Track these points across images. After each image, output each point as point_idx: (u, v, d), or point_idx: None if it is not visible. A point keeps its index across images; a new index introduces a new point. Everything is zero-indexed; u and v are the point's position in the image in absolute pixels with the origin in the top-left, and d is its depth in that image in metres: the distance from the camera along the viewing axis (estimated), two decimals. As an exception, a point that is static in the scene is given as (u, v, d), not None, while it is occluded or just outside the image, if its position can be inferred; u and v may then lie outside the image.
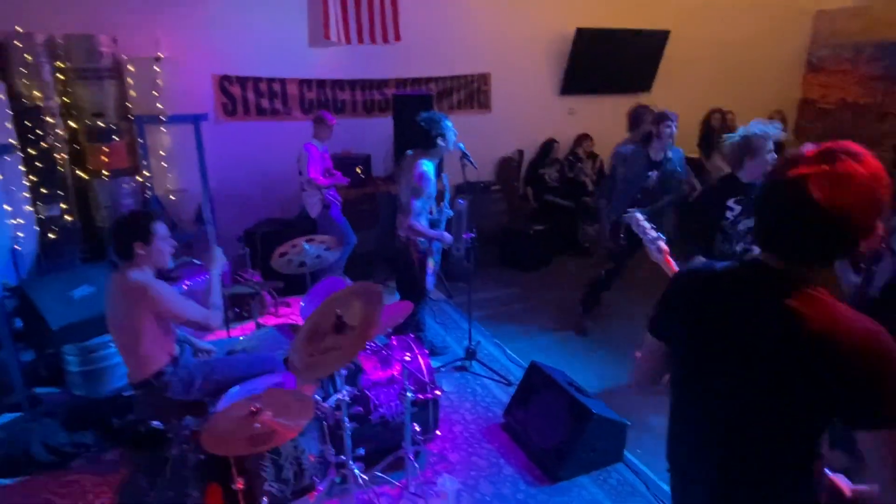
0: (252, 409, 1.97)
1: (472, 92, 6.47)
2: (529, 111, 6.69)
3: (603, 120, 7.02)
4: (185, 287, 4.18)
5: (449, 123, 3.51)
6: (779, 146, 2.91)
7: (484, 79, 6.48)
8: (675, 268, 1.94)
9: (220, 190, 5.55)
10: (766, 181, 1.27)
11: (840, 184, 1.11)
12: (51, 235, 4.28)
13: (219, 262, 2.80)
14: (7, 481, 2.83)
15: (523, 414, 3.18)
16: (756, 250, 1.32)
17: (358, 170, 5.62)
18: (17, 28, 4.42)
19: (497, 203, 6.41)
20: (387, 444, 2.83)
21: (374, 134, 5.93)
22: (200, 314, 2.56)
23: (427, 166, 3.42)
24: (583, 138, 6.74)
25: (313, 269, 3.16)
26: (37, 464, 2.89)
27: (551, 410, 3.01)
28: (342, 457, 2.57)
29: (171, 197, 4.92)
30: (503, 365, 4.01)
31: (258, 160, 5.69)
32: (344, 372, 2.35)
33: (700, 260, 1.50)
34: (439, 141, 3.45)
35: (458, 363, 3.97)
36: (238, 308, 4.75)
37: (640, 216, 2.42)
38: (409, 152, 3.63)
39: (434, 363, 3.98)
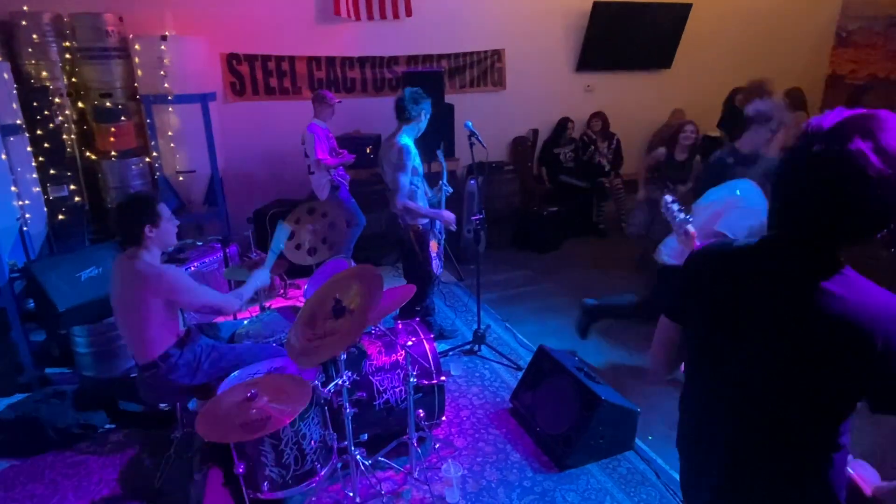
0: (248, 394, 1.93)
1: (485, 69, 6.31)
2: (544, 89, 6.52)
3: (620, 97, 6.83)
4: (193, 269, 4.17)
5: (427, 103, 3.47)
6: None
7: (498, 55, 6.31)
8: None
9: (230, 170, 5.52)
10: (790, 155, 1.16)
11: (887, 156, 1.01)
12: (59, 217, 4.28)
13: (266, 270, 2.79)
14: (15, 461, 2.85)
15: (531, 399, 3.12)
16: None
17: (368, 150, 5.53)
18: (24, 7, 4.39)
19: (510, 183, 6.28)
20: (391, 429, 2.79)
21: (384, 113, 5.75)
22: (216, 299, 2.53)
23: (405, 140, 3.35)
24: (593, 116, 6.55)
25: (322, 259, 3.08)
26: (45, 444, 2.90)
27: (559, 396, 2.93)
28: (344, 442, 2.55)
29: (179, 178, 4.88)
30: (513, 349, 3.94)
31: (267, 140, 5.64)
32: (344, 356, 2.29)
33: (718, 240, 1.41)
34: (412, 112, 3.36)
35: (467, 347, 3.91)
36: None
37: (668, 198, 2.32)
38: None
39: (442, 346, 3.94)
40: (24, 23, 4.34)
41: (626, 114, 6.76)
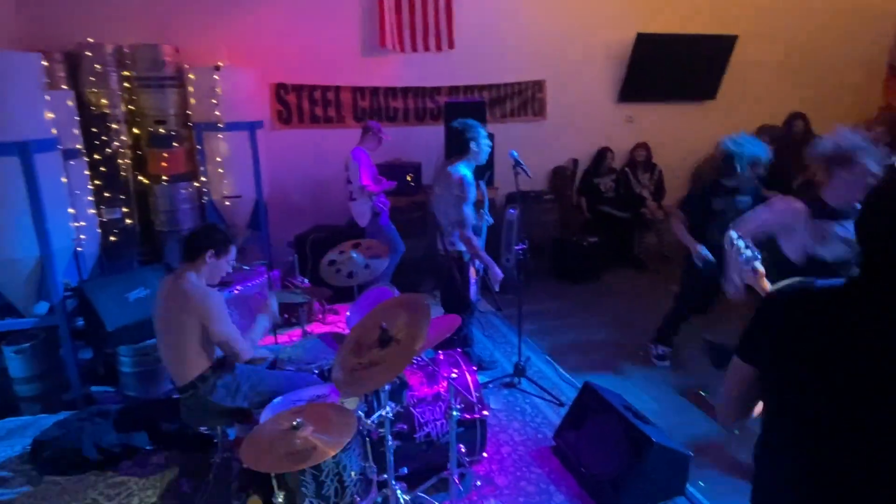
0: (294, 423, 1.90)
1: (526, 99, 6.33)
2: (585, 119, 6.49)
3: (663, 128, 6.75)
4: (237, 292, 4.22)
5: (483, 131, 3.41)
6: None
7: (539, 86, 6.33)
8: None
9: (274, 196, 5.63)
10: (880, 193, 1.10)
11: None
12: (111, 238, 4.41)
13: (272, 311, 2.82)
14: (59, 479, 2.87)
15: (575, 438, 3.00)
16: None
17: (408, 177, 5.57)
18: (89, 39, 4.62)
19: (549, 213, 6.22)
20: (431, 463, 2.72)
21: (425, 142, 5.87)
22: (237, 340, 2.56)
23: (465, 170, 3.32)
24: (637, 147, 6.47)
25: (363, 280, 3.09)
26: (87, 463, 2.93)
27: (606, 436, 2.81)
28: (384, 475, 2.49)
29: (226, 202, 5.00)
30: (554, 383, 3.83)
31: (311, 167, 5.75)
32: (388, 387, 2.25)
33: (796, 280, 1.33)
34: (472, 145, 3.35)
35: (507, 379, 3.82)
36: (286, 314, 4.76)
37: (734, 233, 2.23)
38: (444, 161, 3.55)
39: (481, 378, 3.84)
40: (88, 53, 4.56)
41: (668, 145, 6.67)
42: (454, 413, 2.42)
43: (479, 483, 2.78)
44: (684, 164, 6.88)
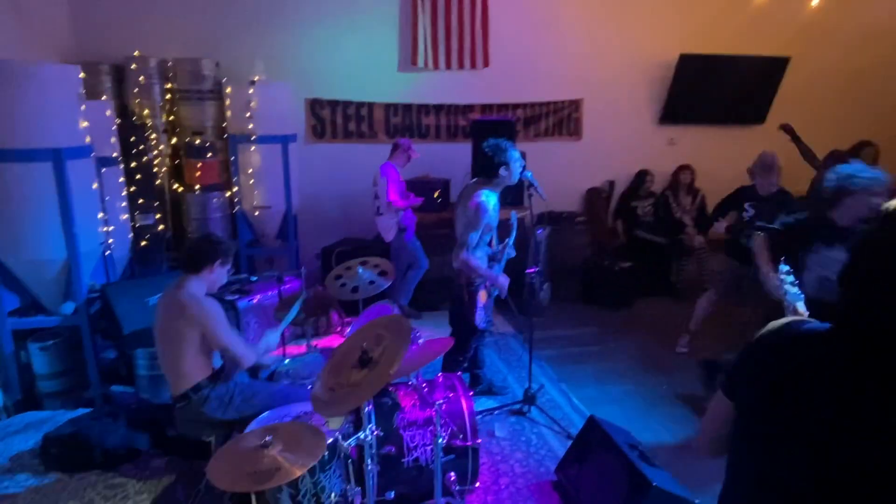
0: (263, 440, 1.87)
1: (562, 118, 6.22)
2: (624, 140, 6.31)
3: (706, 152, 6.47)
4: (255, 301, 4.28)
5: (516, 154, 3.29)
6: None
7: (575, 105, 6.21)
8: None
9: (305, 208, 5.73)
10: (867, 239, 0.99)
11: None
12: (143, 243, 4.57)
13: (277, 334, 2.85)
14: (63, 476, 2.95)
15: (577, 474, 2.85)
16: None
17: (436, 194, 5.55)
18: (136, 52, 4.86)
19: (581, 235, 6.05)
20: (420, 489, 2.63)
21: (454, 159, 5.84)
22: (239, 347, 2.58)
23: (487, 196, 3.21)
24: (682, 168, 6.22)
25: (366, 295, 3.07)
26: (91, 462, 2.99)
27: (607, 475, 2.65)
28: (369, 499, 2.43)
29: (255, 213, 5.11)
30: (565, 414, 3.67)
31: (343, 181, 5.82)
32: (368, 409, 2.19)
33: (791, 318, 1.23)
34: (502, 171, 3.24)
35: (516, 406, 3.69)
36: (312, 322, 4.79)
37: (784, 267, 2.06)
38: (472, 181, 3.47)
39: (489, 403, 3.75)
40: (134, 66, 4.79)
41: (712, 169, 6.37)
42: (439, 440, 2.34)
43: (468, 515, 2.67)
44: (727, 191, 6.56)
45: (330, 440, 2.19)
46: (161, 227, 4.77)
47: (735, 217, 4.46)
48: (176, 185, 5.02)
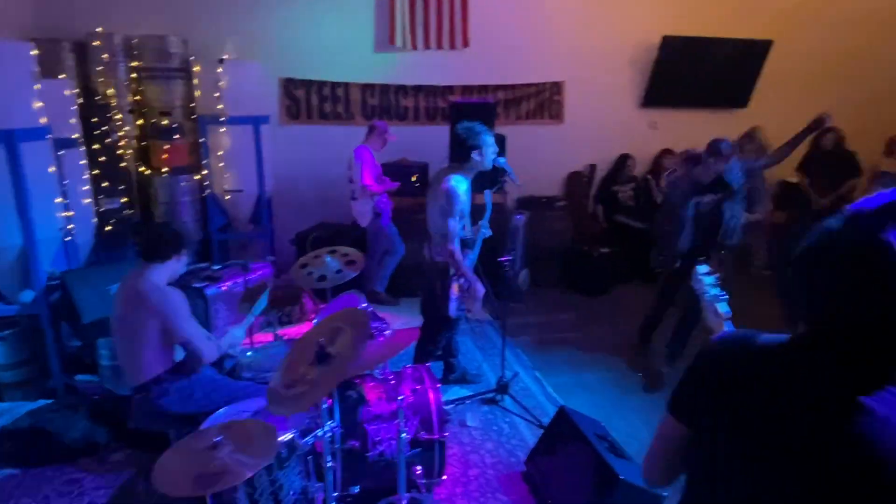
0: (213, 440, 1.79)
1: (543, 101, 6.11)
2: (605, 123, 6.21)
3: (688, 136, 6.36)
4: (224, 289, 4.17)
5: (490, 138, 3.19)
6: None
7: (557, 87, 6.10)
8: None
9: (279, 191, 5.59)
10: (820, 242, 0.91)
11: None
12: (108, 228, 4.42)
13: (242, 329, 2.78)
14: (17, 471, 2.86)
15: (546, 465, 2.82)
16: None
17: (413, 178, 5.44)
18: (98, 28, 4.65)
19: (561, 220, 5.98)
20: (385, 484, 2.57)
21: (433, 142, 5.70)
22: (200, 341, 2.50)
23: (457, 182, 3.12)
24: (666, 153, 6.16)
25: (333, 284, 2.98)
26: (48, 456, 2.91)
27: (575, 467, 2.62)
28: (333, 493, 2.37)
29: (226, 196, 4.97)
30: (538, 402, 3.64)
31: (318, 163, 5.68)
32: (326, 405, 2.12)
33: (736, 330, 1.16)
34: (474, 155, 3.15)
35: (489, 395, 3.65)
36: (280, 314, 4.70)
37: (702, 267, 2.00)
38: (444, 166, 3.37)
39: (462, 392, 3.71)
40: (96, 43, 4.59)
41: (694, 153, 6.33)
42: (402, 436, 2.28)
43: (433, 509, 2.63)
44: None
45: (288, 438, 2.13)
46: (127, 211, 4.62)
47: None
48: (143, 168, 4.85)
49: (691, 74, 6.04)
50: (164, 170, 4.76)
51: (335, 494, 2.46)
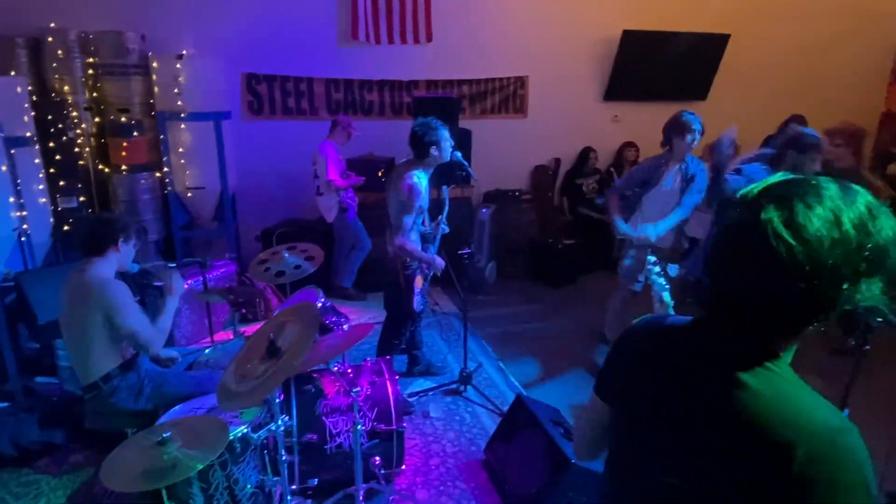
0: (160, 438, 1.81)
1: (507, 95, 6.16)
2: (569, 117, 6.30)
3: (650, 128, 6.49)
4: (186, 286, 4.14)
5: (446, 133, 3.23)
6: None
7: (521, 82, 6.16)
8: None
9: (243, 188, 5.55)
10: (715, 223, 0.98)
11: (797, 229, 0.83)
12: (66, 227, 4.35)
13: (177, 288, 2.70)
14: (-28, 475, 2.83)
15: (504, 452, 2.89)
16: None
17: (380, 174, 5.45)
18: (52, 24, 4.54)
19: (527, 213, 6.06)
20: (344, 475, 2.61)
21: (399, 137, 5.66)
22: (146, 332, 2.46)
23: (419, 177, 3.16)
24: (627, 146, 6.28)
25: (292, 279, 2.99)
26: (3, 459, 2.87)
27: (531, 453, 2.69)
28: (291, 487, 2.41)
29: (188, 194, 4.92)
30: (500, 392, 3.71)
31: (283, 159, 5.64)
32: (279, 398, 2.15)
33: (655, 314, 1.24)
34: (432, 150, 3.19)
35: (453, 386, 3.71)
36: (245, 309, 4.68)
37: (652, 258, 2.08)
38: (402, 160, 3.40)
39: (426, 384, 3.76)
40: (50, 39, 4.49)
41: (655, 146, 6.44)
42: (358, 427, 2.32)
43: (392, 498, 2.67)
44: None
45: (241, 433, 2.15)
46: (88, 210, 4.54)
47: None
48: (101, 166, 4.77)
49: (652, 68, 6.16)
50: (123, 167, 4.69)
51: (294, 487, 2.50)
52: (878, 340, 1.78)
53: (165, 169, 4.85)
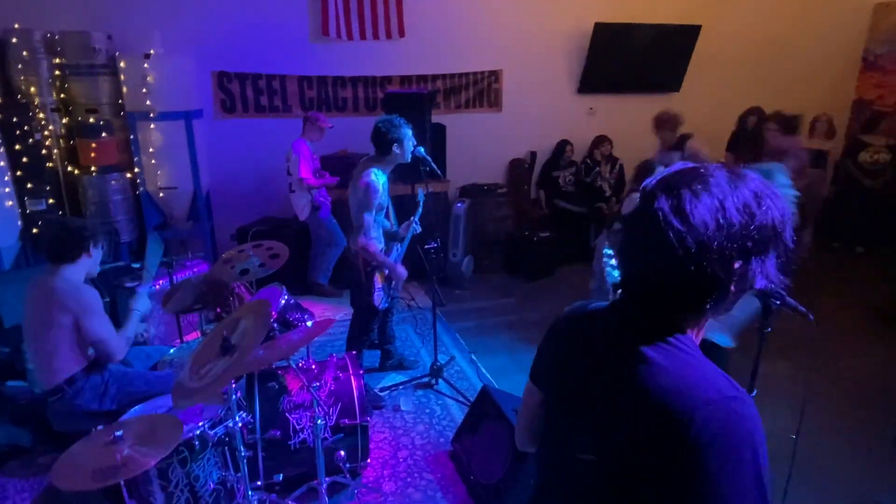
0: (111, 437, 1.82)
1: (481, 90, 6.18)
2: (544, 110, 6.33)
3: (625, 121, 6.57)
4: (157, 287, 4.13)
5: (409, 132, 3.24)
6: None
7: (495, 76, 6.18)
8: None
9: (218, 187, 5.54)
10: (635, 209, 1.02)
11: (685, 217, 0.88)
12: (35, 230, 4.32)
13: (143, 308, 2.75)
14: (-62, 480, 2.82)
15: (470, 443, 2.92)
16: None
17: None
18: (16, 25, 4.50)
19: (504, 207, 6.09)
20: (310, 470, 2.63)
21: (373, 133, 5.75)
22: (112, 339, 2.50)
23: (376, 175, 3.18)
24: (601, 140, 6.32)
25: (255, 277, 3.01)
26: (-31, 463, 2.87)
27: (495, 442, 2.73)
28: (255, 483, 2.43)
29: (160, 194, 4.90)
30: (472, 385, 3.74)
31: (258, 157, 5.64)
32: (238, 395, 2.17)
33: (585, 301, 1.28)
34: (394, 148, 3.20)
35: (424, 380, 3.74)
36: (220, 308, 4.67)
37: (609, 251, 2.13)
38: (363, 158, 3.42)
39: (399, 378, 3.79)
40: (14, 40, 4.45)
41: (630, 138, 6.49)
42: (319, 422, 2.34)
43: (357, 491, 2.70)
44: (645, 158, 6.72)
45: (198, 430, 2.17)
46: (56, 213, 4.51)
47: None
48: (71, 168, 4.74)
49: (624, 60, 6.20)
50: (93, 168, 4.66)
51: (259, 483, 2.52)
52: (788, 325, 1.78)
53: (137, 169, 4.83)
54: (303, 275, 5.27)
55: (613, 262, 2.06)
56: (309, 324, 2.70)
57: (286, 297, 2.85)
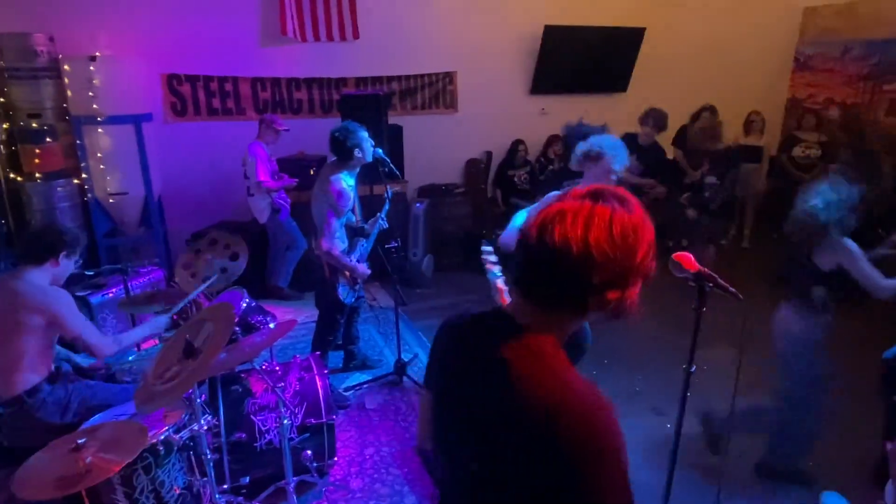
0: (75, 443, 1.80)
1: (437, 91, 6.26)
2: (498, 111, 6.46)
3: (575, 119, 6.77)
4: (111, 295, 4.04)
5: (365, 134, 3.30)
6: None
7: (450, 77, 6.26)
8: None
9: (171, 192, 5.43)
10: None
11: (576, 225, 0.93)
12: (-24, 240, 4.15)
13: (166, 318, 2.76)
14: None
15: (435, 438, 2.99)
16: None
17: (312, 172, 5.43)
18: (-51, 26, 4.30)
19: (462, 206, 6.18)
20: (277, 471, 2.64)
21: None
22: (94, 336, 2.47)
23: (345, 180, 3.23)
24: (553, 140, 6.49)
25: (220, 286, 2.99)
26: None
27: (460, 436, 2.80)
28: (223, 486, 2.42)
29: (110, 200, 4.77)
30: (435, 381, 3.81)
31: (211, 161, 5.54)
32: (202, 398, 2.17)
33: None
34: (356, 153, 3.25)
35: (390, 378, 3.78)
36: (177, 315, 4.58)
37: (487, 248, 2.24)
38: (329, 161, 3.44)
39: (363, 377, 3.82)
40: (-51, 42, 4.26)
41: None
42: (285, 422, 2.36)
43: (324, 490, 2.73)
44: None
45: (162, 435, 2.16)
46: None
47: None
48: (13, 175, 4.55)
49: (574, 61, 6.39)
50: (37, 175, 4.49)
51: (226, 487, 2.52)
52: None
53: (84, 175, 4.68)
54: (261, 278, 5.22)
55: (493, 258, 2.17)
56: (272, 326, 2.71)
57: (247, 300, 2.85)
